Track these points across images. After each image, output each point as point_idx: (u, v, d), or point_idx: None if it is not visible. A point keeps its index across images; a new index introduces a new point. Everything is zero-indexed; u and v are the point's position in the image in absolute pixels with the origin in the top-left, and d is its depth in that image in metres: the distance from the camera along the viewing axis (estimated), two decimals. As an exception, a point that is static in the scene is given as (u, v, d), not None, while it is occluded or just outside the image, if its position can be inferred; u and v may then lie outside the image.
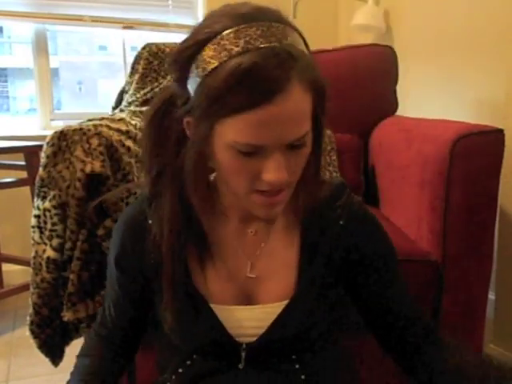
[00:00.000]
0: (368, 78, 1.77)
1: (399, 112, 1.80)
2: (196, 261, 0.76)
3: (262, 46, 0.60)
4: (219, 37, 0.61)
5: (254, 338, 0.76)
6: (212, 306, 0.75)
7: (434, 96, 1.97)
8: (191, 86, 0.64)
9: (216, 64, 0.61)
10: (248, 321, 0.76)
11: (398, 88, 1.80)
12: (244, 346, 0.75)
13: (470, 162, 1.12)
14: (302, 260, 0.77)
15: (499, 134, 1.13)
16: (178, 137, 0.70)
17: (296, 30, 0.66)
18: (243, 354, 0.76)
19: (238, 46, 0.60)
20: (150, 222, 0.76)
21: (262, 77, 0.59)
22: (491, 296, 1.42)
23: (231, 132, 0.62)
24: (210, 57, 0.61)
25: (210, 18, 0.65)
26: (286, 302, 0.75)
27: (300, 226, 0.78)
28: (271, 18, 0.63)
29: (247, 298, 0.77)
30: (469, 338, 1.20)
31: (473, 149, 1.12)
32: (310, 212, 0.76)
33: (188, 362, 0.79)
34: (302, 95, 0.62)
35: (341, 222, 0.77)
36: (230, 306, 0.76)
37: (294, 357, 0.78)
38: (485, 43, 1.70)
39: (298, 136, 0.63)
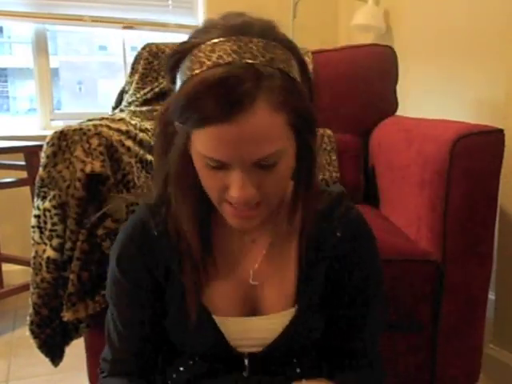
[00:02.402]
0: (368, 78, 1.77)
1: (399, 112, 1.79)
2: (202, 269, 0.75)
3: (231, 61, 0.59)
4: (197, 48, 0.62)
5: (257, 348, 0.75)
6: (216, 318, 0.74)
7: (433, 96, 1.97)
8: None
9: (188, 76, 0.61)
10: (253, 332, 0.76)
11: (398, 88, 1.80)
12: (246, 355, 0.76)
13: (470, 162, 1.12)
14: (301, 269, 0.76)
15: (499, 134, 1.13)
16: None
17: (291, 48, 0.65)
18: (246, 361, 0.76)
19: (209, 60, 0.60)
20: (155, 233, 0.75)
21: (223, 94, 0.58)
22: (491, 296, 1.42)
23: (198, 143, 0.63)
24: (186, 68, 0.62)
25: (205, 24, 0.66)
26: (290, 311, 0.75)
27: (297, 235, 0.77)
28: (258, 33, 0.62)
29: (251, 307, 0.76)
30: (469, 338, 1.20)
31: (473, 149, 1.12)
32: (308, 222, 0.75)
33: (190, 362, 0.79)
34: (269, 116, 0.60)
35: (338, 234, 0.77)
36: (234, 317, 0.75)
37: (294, 360, 0.78)
38: (485, 43, 1.69)
39: (261, 156, 0.61)
